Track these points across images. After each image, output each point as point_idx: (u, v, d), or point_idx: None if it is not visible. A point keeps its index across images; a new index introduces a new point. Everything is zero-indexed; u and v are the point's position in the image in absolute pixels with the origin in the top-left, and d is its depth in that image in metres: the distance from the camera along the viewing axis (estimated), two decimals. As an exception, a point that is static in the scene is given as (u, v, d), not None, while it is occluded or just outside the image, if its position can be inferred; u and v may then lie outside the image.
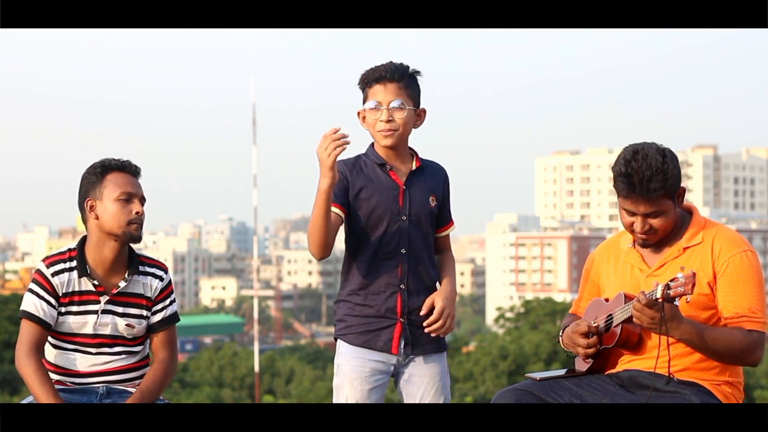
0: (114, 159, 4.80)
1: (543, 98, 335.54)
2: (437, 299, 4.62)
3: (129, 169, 4.78)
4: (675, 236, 4.45)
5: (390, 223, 4.62)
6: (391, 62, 4.65)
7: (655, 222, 4.37)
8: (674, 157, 4.36)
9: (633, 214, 4.37)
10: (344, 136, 4.41)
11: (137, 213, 4.71)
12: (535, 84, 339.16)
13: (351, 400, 4.62)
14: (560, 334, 4.63)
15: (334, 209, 4.60)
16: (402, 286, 4.63)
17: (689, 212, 4.49)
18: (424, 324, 4.60)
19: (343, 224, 4.67)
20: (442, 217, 4.77)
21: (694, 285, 4.10)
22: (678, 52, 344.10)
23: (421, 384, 4.66)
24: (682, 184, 4.42)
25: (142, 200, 4.76)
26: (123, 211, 4.70)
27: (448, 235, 4.82)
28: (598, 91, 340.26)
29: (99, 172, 4.76)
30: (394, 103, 4.60)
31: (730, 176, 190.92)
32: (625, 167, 4.31)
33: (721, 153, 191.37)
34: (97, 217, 4.71)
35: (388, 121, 4.59)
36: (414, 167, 4.69)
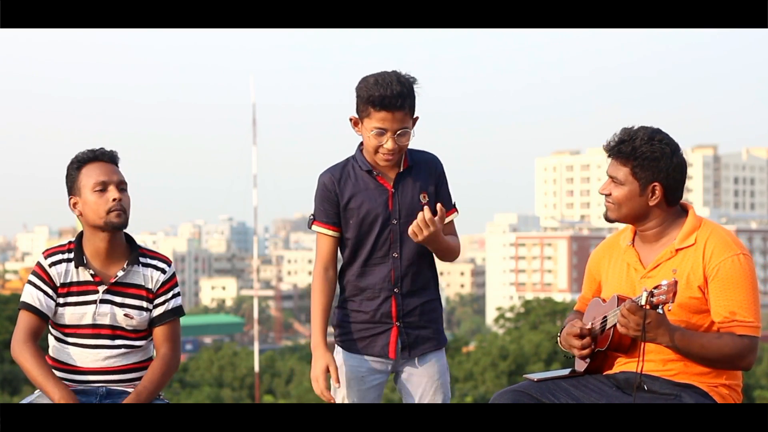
0: (87, 150, 4.68)
1: (543, 98, 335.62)
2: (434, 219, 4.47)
3: (103, 158, 4.67)
4: (670, 235, 4.44)
5: (381, 228, 4.59)
6: (396, 84, 4.48)
7: (614, 190, 4.41)
8: (663, 139, 4.39)
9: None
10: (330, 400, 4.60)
11: (114, 200, 4.61)
12: (535, 84, 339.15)
13: (347, 400, 4.63)
14: (559, 334, 4.63)
15: (329, 231, 4.64)
16: (396, 290, 4.61)
17: (686, 210, 4.47)
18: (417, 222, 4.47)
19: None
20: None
21: (675, 294, 4.08)
22: (678, 51, 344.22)
23: (420, 383, 4.66)
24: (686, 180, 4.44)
25: (120, 185, 4.64)
26: (100, 202, 4.61)
27: (451, 223, 4.68)
28: (598, 90, 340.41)
29: (75, 168, 4.68)
30: (400, 132, 4.51)
31: (730, 176, 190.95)
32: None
33: (721, 153, 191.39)
34: (81, 213, 4.66)
35: (392, 147, 4.52)
36: (402, 168, 4.62)
